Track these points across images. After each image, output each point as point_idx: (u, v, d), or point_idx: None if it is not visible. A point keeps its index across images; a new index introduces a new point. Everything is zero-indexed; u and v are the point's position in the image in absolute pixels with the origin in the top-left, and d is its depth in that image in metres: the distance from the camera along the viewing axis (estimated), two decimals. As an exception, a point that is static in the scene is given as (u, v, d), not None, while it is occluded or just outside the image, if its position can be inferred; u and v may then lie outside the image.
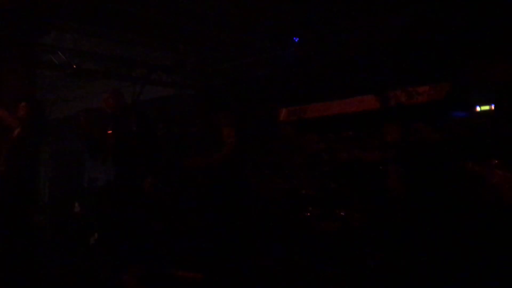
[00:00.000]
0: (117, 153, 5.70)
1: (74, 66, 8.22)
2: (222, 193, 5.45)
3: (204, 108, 5.71)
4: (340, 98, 4.96)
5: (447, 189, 5.09)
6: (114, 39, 8.82)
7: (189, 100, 9.57)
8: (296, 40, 8.17)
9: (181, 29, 8.17)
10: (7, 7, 7.21)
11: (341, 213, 5.34)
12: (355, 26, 7.38)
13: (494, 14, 6.34)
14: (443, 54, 6.51)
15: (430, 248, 4.82)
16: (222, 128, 5.41)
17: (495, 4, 6.35)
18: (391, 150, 5.05)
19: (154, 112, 8.34)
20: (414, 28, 6.76)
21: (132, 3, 7.43)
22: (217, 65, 9.34)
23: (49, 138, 9.12)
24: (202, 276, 5.61)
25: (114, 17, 7.83)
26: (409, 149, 4.76)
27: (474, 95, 5.22)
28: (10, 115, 6.42)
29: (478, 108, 5.39)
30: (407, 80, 4.84)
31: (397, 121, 4.83)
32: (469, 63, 6.00)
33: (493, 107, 5.29)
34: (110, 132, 5.74)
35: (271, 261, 5.85)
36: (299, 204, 5.94)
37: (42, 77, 8.38)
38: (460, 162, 4.97)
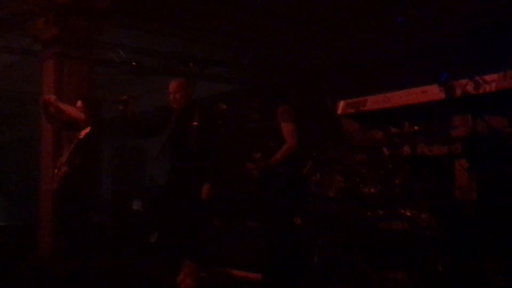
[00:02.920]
0: (175, 148, 5.52)
1: (134, 64, 8.24)
2: (281, 191, 5.26)
3: (262, 103, 5.55)
4: (401, 89, 4.67)
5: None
6: (173, 35, 8.81)
7: (247, 96, 9.47)
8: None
9: (240, 23, 8.06)
10: (68, 5, 7.31)
11: (407, 213, 5.04)
12: (421, 14, 7.06)
13: None
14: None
15: (503, 250, 4.49)
16: (281, 123, 5.22)
17: None
18: (458, 144, 4.76)
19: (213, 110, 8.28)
20: (481, 15, 6.39)
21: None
22: (276, 59, 9.20)
23: (111, 137, 9.22)
24: (260, 276, 5.47)
25: (172, 13, 7.83)
26: (478, 142, 4.43)
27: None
28: (74, 110, 6.48)
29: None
30: (473, 69, 4.52)
31: (464, 113, 4.50)
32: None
33: None
34: (172, 123, 5.51)
35: (331, 262, 5.65)
36: (361, 203, 5.71)
37: (102, 74, 8.46)
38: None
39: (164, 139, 5.43)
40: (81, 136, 6.25)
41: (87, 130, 6.25)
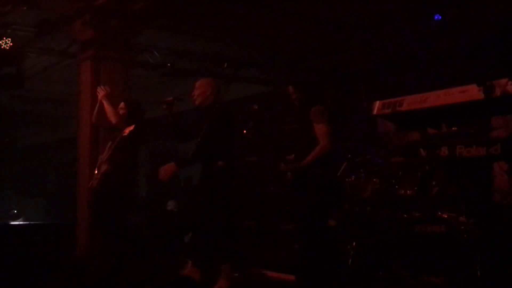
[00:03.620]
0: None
1: (169, 65, 8.29)
2: (315, 193, 5.22)
3: (296, 104, 5.51)
4: (439, 89, 4.57)
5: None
6: (208, 37, 8.85)
7: (281, 97, 9.44)
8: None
9: (275, 25, 8.06)
10: (105, 7, 7.43)
11: (444, 216, 4.94)
12: (459, 13, 6.94)
13: None
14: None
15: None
16: (314, 124, 5.17)
17: None
18: (497, 145, 4.63)
19: (246, 111, 8.30)
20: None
21: (225, 1, 7.39)
22: (311, 61, 9.16)
23: (145, 138, 9.30)
24: (294, 277, 5.43)
25: (207, 15, 7.87)
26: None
27: None
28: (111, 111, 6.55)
29: None
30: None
31: (504, 113, 4.38)
32: None
33: None
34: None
35: (365, 265, 5.58)
36: (397, 205, 5.63)
37: (137, 76, 8.56)
38: None
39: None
40: (125, 133, 6.28)
41: (131, 127, 6.29)
